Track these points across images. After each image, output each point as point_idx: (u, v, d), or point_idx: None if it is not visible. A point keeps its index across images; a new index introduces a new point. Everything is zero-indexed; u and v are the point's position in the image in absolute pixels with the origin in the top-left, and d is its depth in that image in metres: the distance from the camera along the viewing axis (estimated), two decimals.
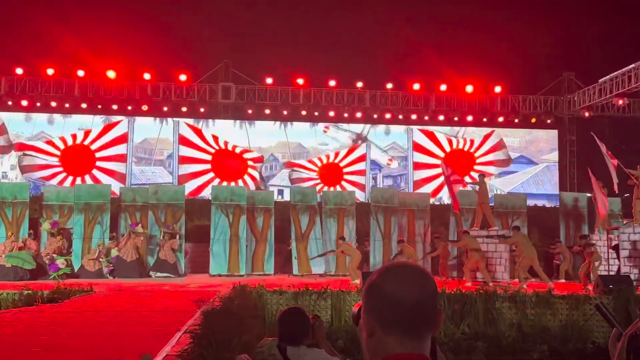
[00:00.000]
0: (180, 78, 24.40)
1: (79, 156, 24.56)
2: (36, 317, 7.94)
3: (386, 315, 1.60)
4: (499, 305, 11.51)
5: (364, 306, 1.65)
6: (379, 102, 25.42)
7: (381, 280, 1.64)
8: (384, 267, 1.68)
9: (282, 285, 12.50)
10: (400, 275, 1.64)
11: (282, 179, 26.08)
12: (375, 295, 1.63)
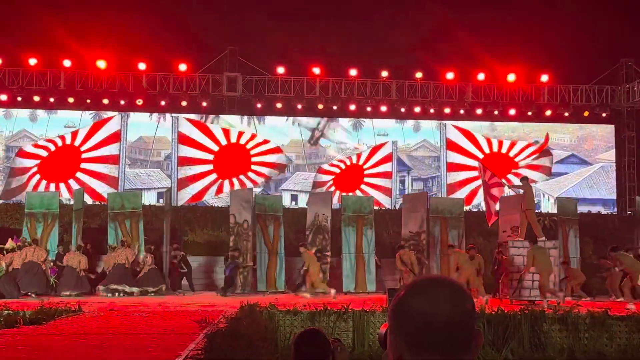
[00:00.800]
0: (179, 68, 24.54)
1: (65, 160, 24.75)
2: (17, 341, 8.02)
3: (415, 337, 1.59)
4: (548, 328, 11.42)
5: (390, 326, 1.65)
6: (406, 94, 25.37)
7: (409, 297, 1.63)
8: (413, 281, 1.67)
9: (296, 304, 12.50)
10: (431, 290, 1.62)
11: (295, 182, 26.11)
12: (402, 314, 1.61)
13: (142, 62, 24.29)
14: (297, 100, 25.09)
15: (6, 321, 10.65)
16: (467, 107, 25.74)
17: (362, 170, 25.96)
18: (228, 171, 25.44)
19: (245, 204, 19.21)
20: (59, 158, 24.83)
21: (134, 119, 25.52)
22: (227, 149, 25.53)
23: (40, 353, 6.85)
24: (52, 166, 24.73)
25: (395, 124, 26.58)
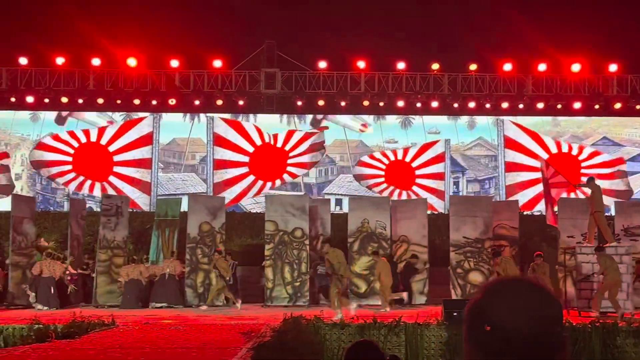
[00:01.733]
0: (214, 64, 24.79)
1: (95, 158, 25.21)
2: (50, 356, 8.23)
3: (493, 347, 1.55)
4: (621, 342, 11.23)
5: (465, 332, 1.62)
6: (460, 87, 25.22)
7: (486, 303, 1.58)
8: (490, 284, 1.62)
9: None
10: (511, 295, 1.57)
11: (340, 186, 26.16)
12: (478, 322, 1.57)
13: (174, 59, 24.62)
14: (340, 96, 25.14)
15: (37, 335, 10.92)
16: (527, 101, 25.45)
17: (412, 170, 25.83)
18: (265, 173, 25.62)
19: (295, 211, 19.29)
20: (89, 156, 25.22)
21: (167, 120, 25.87)
22: (262, 149, 25.71)
23: None
24: (85, 164, 25.16)
25: (447, 120, 26.44)
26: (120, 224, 19.28)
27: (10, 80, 24.53)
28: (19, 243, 19.08)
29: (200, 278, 18.78)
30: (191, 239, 19.02)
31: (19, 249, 18.95)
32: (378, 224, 19.56)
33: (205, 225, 19.14)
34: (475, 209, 19.55)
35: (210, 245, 18.98)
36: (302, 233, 19.06)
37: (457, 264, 19.05)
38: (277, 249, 18.94)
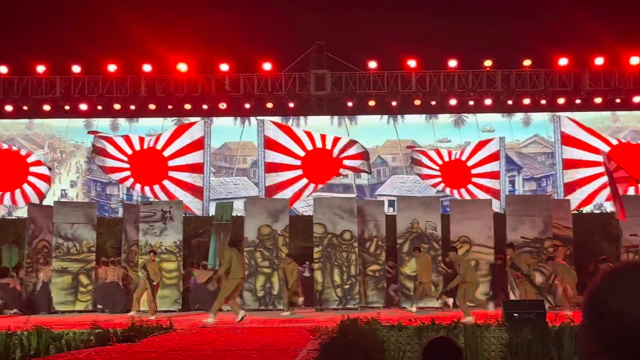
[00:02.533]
0: (263, 67, 25.04)
1: (150, 161, 25.66)
2: (113, 358, 8.46)
3: (613, 337, 1.50)
4: None
5: (583, 319, 1.59)
6: (514, 84, 24.99)
7: (604, 289, 1.54)
8: (610, 271, 1.56)
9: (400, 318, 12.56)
10: (633, 282, 1.51)
11: (392, 187, 26.14)
12: (595, 309, 1.53)
13: (224, 64, 24.94)
14: (391, 96, 25.15)
15: (98, 339, 11.22)
16: (584, 97, 25.09)
17: (468, 169, 25.65)
18: (319, 176, 25.72)
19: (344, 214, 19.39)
20: (145, 161, 25.69)
21: (218, 124, 26.20)
22: (314, 153, 25.83)
23: None
24: (140, 169, 25.64)
25: (502, 118, 26.22)
26: (169, 228, 19.59)
27: (64, 88, 25.17)
28: (67, 249, 19.60)
29: (260, 282, 18.98)
30: (249, 242, 19.22)
31: (66, 254, 19.47)
32: (428, 224, 19.50)
33: (266, 228, 19.31)
34: (534, 208, 19.37)
35: (271, 248, 19.17)
36: (351, 235, 19.14)
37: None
38: (325, 252, 19.06)
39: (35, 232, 19.83)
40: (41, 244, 19.94)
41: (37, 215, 20.07)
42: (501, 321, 12.32)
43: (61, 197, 25.65)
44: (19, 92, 25.01)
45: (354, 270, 18.76)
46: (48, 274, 19.67)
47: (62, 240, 19.58)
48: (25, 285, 19.33)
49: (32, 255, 19.57)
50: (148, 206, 20.08)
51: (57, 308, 19.09)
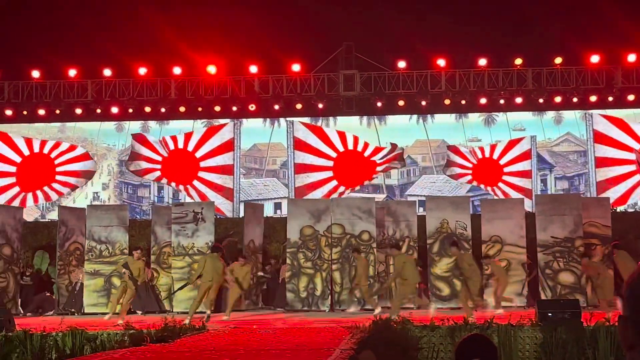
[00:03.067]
0: (292, 68, 25.12)
1: (182, 163, 25.91)
2: (148, 358, 8.55)
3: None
4: None
5: (622, 311, 1.61)
6: (545, 82, 24.80)
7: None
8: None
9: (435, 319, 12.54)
10: None
11: (422, 187, 26.05)
12: (635, 304, 1.56)
13: (253, 65, 25.06)
14: (421, 96, 25.07)
15: (132, 339, 11.36)
16: (617, 94, 24.80)
17: (500, 168, 25.49)
18: (349, 179, 25.75)
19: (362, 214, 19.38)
20: (177, 161, 25.95)
21: (247, 126, 26.34)
22: (346, 155, 25.85)
23: None
24: (172, 169, 25.90)
25: (532, 116, 26.00)
26: (201, 229, 19.71)
27: (95, 92, 25.48)
28: (100, 251, 19.84)
29: (303, 282, 18.99)
30: (292, 243, 19.26)
31: (99, 257, 19.71)
32: (458, 224, 19.40)
33: (308, 229, 19.35)
34: (564, 207, 19.18)
35: (314, 249, 19.20)
36: (369, 236, 19.12)
37: (546, 264, 18.75)
38: (344, 253, 19.05)
39: (67, 234, 20.07)
40: (73, 246, 20.18)
41: (69, 218, 20.32)
42: (535, 321, 12.25)
43: (93, 199, 25.98)
44: (51, 96, 25.36)
45: (372, 271, 18.72)
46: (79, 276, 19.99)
47: (95, 243, 19.82)
48: (57, 287, 19.59)
49: (63, 257, 19.82)
50: (180, 207, 20.21)
51: (89, 310, 19.32)
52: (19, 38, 26.04)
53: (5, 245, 19.70)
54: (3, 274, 19.51)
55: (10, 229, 19.86)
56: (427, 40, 24.92)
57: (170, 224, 19.93)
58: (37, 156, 26.10)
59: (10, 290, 19.52)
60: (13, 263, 19.72)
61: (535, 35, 25.36)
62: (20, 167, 26.05)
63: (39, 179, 26.02)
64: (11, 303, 19.03)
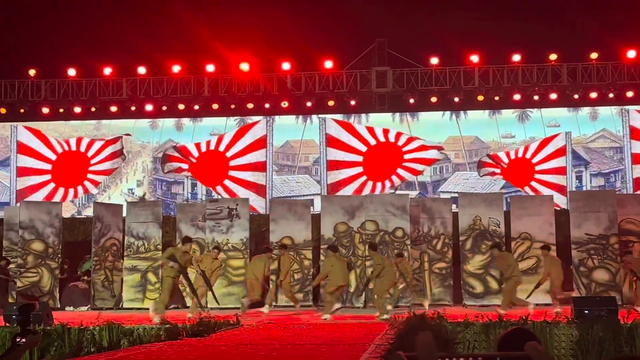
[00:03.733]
0: (325, 65, 25.16)
1: (212, 163, 26.11)
2: (185, 351, 8.66)
3: None
4: None
5: None
6: (580, 78, 24.53)
7: None
8: None
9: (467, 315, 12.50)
10: None
11: (455, 183, 25.93)
12: None
13: (285, 62, 25.16)
14: (454, 92, 24.95)
15: (168, 334, 11.50)
16: None
17: (532, 166, 25.30)
18: (379, 172, 25.71)
19: (396, 211, 19.36)
20: (207, 162, 26.19)
21: (280, 123, 26.43)
22: (375, 149, 25.82)
23: None
24: (202, 170, 26.15)
25: (567, 112, 25.73)
26: (236, 225, 19.85)
27: (130, 89, 25.77)
28: (137, 247, 20.10)
29: None
30: (326, 240, 19.30)
31: (136, 253, 19.97)
32: (491, 221, 19.32)
33: (342, 225, 19.39)
34: (598, 204, 19.03)
35: (348, 245, 19.24)
36: (403, 233, 19.09)
37: (580, 262, 18.62)
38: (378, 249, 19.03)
39: (103, 230, 20.35)
40: (110, 242, 20.45)
41: (104, 214, 20.60)
42: (571, 318, 12.16)
43: (128, 196, 26.29)
44: (87, 94, 25.70)
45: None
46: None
47: (133, 239, 20.11)
48: (93, 283, 19.88)
49: (99, 253, 20.09)
50: (214, 203, 20.38)
51: (127, 305, 19.60)
52: (56, 37, 26.44)
53: (36, 241, 20.06)
54: (34, 269, 19.87)
55: (44, 224, 20.18)
56: (460, 36, 24.80)
57: (196, 221, 20.13)
58: (72, 154, 26.48)
59: (44, 284, 19.87)
60: (48, 258, 20.04)
61: (570, 30, 25.12)
62: (56, 165, 26.45)
63: (74, 176, 26.41)
64: (47, 297, 19.36)
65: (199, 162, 26.26)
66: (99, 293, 19.89)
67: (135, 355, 8.22)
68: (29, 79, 25.80)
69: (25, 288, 19.67)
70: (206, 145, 26.37)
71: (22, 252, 19.96)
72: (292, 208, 20.40)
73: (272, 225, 20.00)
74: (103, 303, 19.66)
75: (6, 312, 14.39)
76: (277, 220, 20.07)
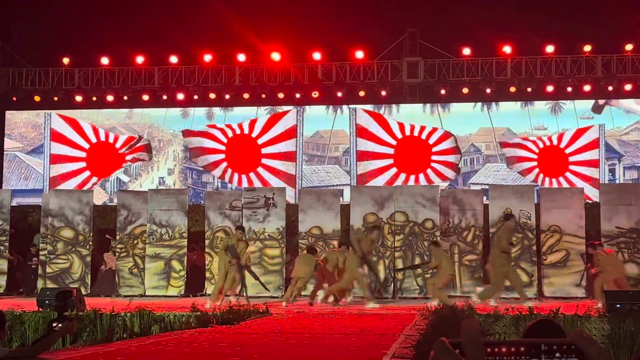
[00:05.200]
0: (356, 55, 25.10)
1: (245, 150, 26.22)
2: (217, 338, 8.75)
3: None
4: None
5: None
6: (614, 69, 24.21)
7: None
8: None
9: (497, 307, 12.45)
10: None
11: (486, 175, 25.79)
12: None
13: (316, 52, 25.12)
14: (485, 83, 24.76)
15: (199, 321, 11.62)
16: None
17: (566, 156, 25.03)
18: (409, 165, 25.65)
19: (426, 202, 19.31)
20: (241, 147, 26.29)
21: (310, 113, 26.47)
22: (405, 142, 25.75)
23: (243, 349, 7.44)
24: (236, 155, 26.26)
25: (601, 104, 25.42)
26: (272, 215, 19.93)
27: (162, 78, 25.93)
28: (160, 235, 20.26)
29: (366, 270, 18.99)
30: (355, 230, 19.29)
31: (159, 240, 20.13)
32: (522, 213, 19.17)
33: (371, 216, 19.37)
34: (630, 197, 18.83)
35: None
36: (433, 224, 19.02)
37: None
38: (407, 240, 19.00)
39: (130, 217, 20.50)
40: (139, 230, 20.60)
41: (132, 202, 20.73)
42: (603, 312, 12.06)
43: (159, 184, 26.52)
44: (119, 83, 25.91)
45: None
46: (112, 260, 20.50)
47: (155, 227, 20.24)
48: (119, 270, 20.10)
49: (125, 241, 20.25)
50: (251, 192, 20.46)
51: (150, 293, 19.75)
52: (89, 26, 26.69)
53: (65, 228, 20.34)
54: (64, 256, 20.14)
55: (73, 212, 20.44)
56: (492, 27, 24.56)
57: (223, 209, 20.21)
58: (106, 144, 26.77)
59: (75, 271, 20.15)
60: (79, 245, 20.31)
61: (605, 22, 24.76)
62: (90, 153, 26.76)
63: (109, 166, 26.72)
64: (78, 283, 19.62)
65: (231, 146, 26.34)
66: (125, 280, 20.07)
67: (167, 341, 8.32)
68: (63, 67, 26.08)
69: (54, 274, 19.97)
70: (239, 129, 26.44)
71: (52, 239, 20.25)
72: (321, 198, 20.40)
73: (301, 215, 20.02)
74: (131, 290, 19.84)
75: (39, 296, 14.63)
76: (305, 210, 20.09)
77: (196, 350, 7.70)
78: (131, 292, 19.68)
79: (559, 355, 1.04)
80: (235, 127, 26.47)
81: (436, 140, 25.71)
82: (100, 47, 25.69)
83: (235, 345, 7.84)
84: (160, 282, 20.07)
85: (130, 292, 19.55)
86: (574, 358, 1.04)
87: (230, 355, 6.92)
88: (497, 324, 11.88)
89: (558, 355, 1.04)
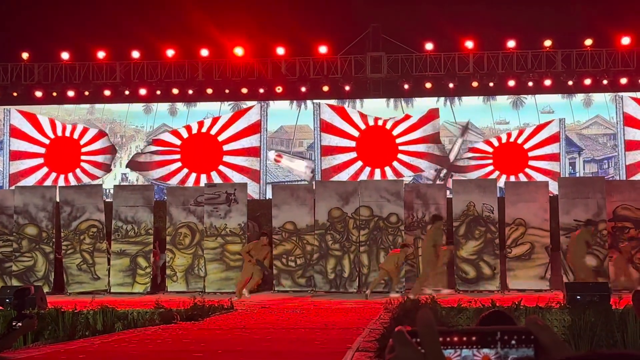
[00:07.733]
0: (319, 50, 25.10)
1: (204, 149, 26.07)
2: (180, 334, 8.70)
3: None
4: None
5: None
6: (574, 64, 24.54)
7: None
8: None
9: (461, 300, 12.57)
10: None
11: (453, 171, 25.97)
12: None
13: (280, 47, 25.08)
14: (448, 78, 24.95)
15: (162, 318, 11.53)
16: None
17: (525, 152, 25.36)
18: (373, 158, 25.74)
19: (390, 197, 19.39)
20: (198, 146, 26.14)
21: (274, 108, 26.41)
22: (367, 133, 25.83)
23: (207, 345, 7.42)
24: (194, 156, 26.11)
25: (561, 99, 25.79)
26: (234, 211, 19.82)
27: (123, 73, 25.66)
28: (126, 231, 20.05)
29: (330, 264, 19.00)
30: (320, 225, 19.28)
31: (124, 237, 19.96)
32: (485, 206, 19.33)
33: (336, 211, 19.36)
34: (587, 191, 19.06)
35: (342, 231, 19.19)
36: (397, 218, 19.10)
37: (568, 248, 18.64)
38: (372, 235, 19.06)
39: (75, 213, 19.97)
40: (85, 225, 19.94)
41: (75, 197, 20.08)
42: (564, 303, 12.24)
43: (122, 180, 26.24)
44: (80, 78, 25.59)
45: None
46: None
47: (121, 223, 19.95)
48: (66, 267, 19.69)
49: (70, 237, 19.82)
50: (212, 188, 20.34)
51: (115, 290, 19.47)
52: (49, 20, 26.24)
53: (30, 225, 19.96)
54: (28, 253, 19.79)
55: (37, 208, 20.08)
56: (455, 22, 24.74)
57: (187, 205, 20.06)
58: (64, 139, 26.42)
59: (39, 269, 19.81)
60: (42, 242, 19.95)
61: (565, 17, 25.08)
62: (49, 149, 26.39)
63: (67, 162, 26.38)
64: (42, 281, 19.29)
65: (187, 148, 26.15)
66: (73, 277, 19.63)
67: (130, 338, 8.25)
68: (22, 62, 25.67)
69: (20, 272, 19.63)
70: (198, 126, 26.29)
71: (16, 237, 19.89)
72: (295, 193, 20.34)
73: (275, 211, 19.93)
74: (81, 287, 19.47)
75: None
76: (279, 205, 20.02)
77: (160, 347, 7.66)
78: (81, 288, 19.29)
79: (514, 342, 1.05)
80: (194, 125, 26.28)
81: (401, 132, 25.81)
82: (60, 41, 25.34)
83: (200, 341, 7.82)
84: (125, 279, 19.81)
85: (81, 289, 19.20)
86: (530, 345, 1.06)
87: (194, 351, 6.89)
88: (461, 316, 12.01)
89: (514, 342, 1.05)
